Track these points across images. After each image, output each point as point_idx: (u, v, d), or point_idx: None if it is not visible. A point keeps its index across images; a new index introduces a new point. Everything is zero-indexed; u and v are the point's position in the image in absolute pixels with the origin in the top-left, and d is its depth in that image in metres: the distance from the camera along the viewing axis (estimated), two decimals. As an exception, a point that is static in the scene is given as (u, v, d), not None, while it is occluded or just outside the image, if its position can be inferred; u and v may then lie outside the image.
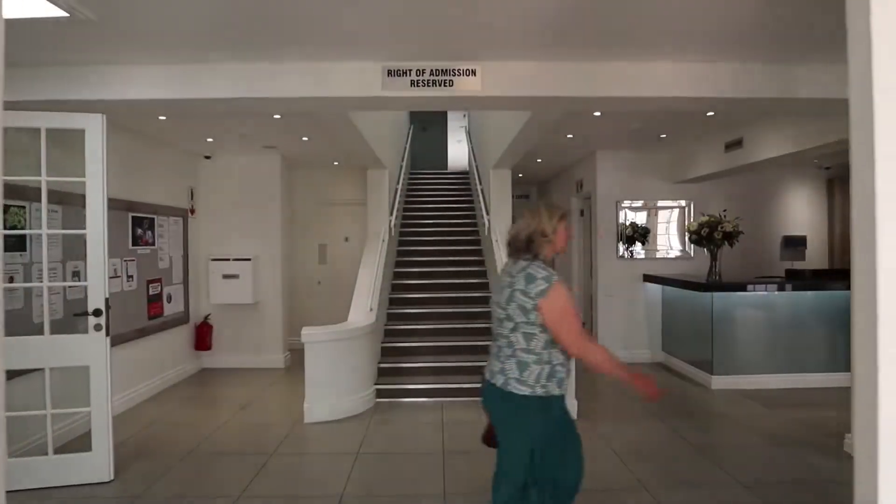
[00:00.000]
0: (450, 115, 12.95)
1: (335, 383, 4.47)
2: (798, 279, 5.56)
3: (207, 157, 6.26)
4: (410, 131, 10.08)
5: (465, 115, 12.77)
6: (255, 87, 3.25)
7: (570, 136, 5.52)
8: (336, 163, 7.00)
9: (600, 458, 3.60)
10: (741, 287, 5.26)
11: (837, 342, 5.35)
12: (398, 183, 7.37)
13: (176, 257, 5.66)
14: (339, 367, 4.49)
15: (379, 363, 5.22)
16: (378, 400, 4.91)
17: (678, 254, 6.56)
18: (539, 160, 7.14)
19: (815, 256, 7.95)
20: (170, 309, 5.49)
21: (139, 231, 4.96)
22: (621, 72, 3.26)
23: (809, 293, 5.30)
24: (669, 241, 6.58)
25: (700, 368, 5.51)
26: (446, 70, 3.26)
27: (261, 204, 6.33)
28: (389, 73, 3.26)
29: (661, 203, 6.54)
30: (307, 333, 4.35)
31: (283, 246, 6.46)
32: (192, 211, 6.07)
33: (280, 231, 6.36)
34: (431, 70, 3.26)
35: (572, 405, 4.44)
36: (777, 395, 5.00)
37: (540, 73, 3.26)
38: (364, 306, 5.07)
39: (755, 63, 3.26)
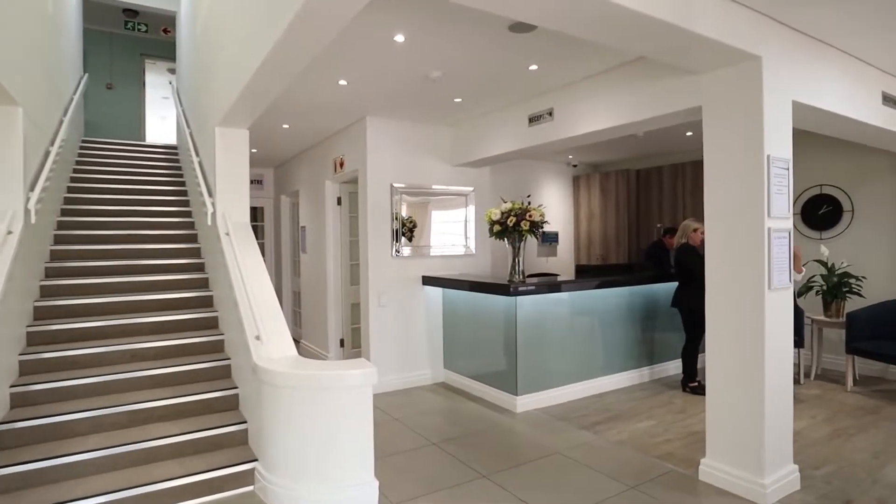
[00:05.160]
0: (149, 78, 9.76)
1: None
2: (586, 276, 5.09)
3: None
4: (84, 80, 6.87)
5: (171, 82, 9.74)
6: None
7: (343, 81, 3.87)
8: None
9: None
10: (554, 288, 4.47)
11: (631, 341, 5.04)
12: (53, 143, 4.53)
13: None
14: None
15: (-11, 469, 2.65)
16: (-20, 554, 2.40)
17: (459, 250, 5.55)
18: (286, 126, 5.27)
19: (564, 253, 8.07)
20: None
21: None
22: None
23: (607, 291, 4.83)
24: (447, 236, 5.51)
25: (500, 388, 4.51)
26: None
27: None
28: None
29: (442, 189, 5.41)
30: None
31: None
32: None
33: None
34: None
35: (372, 488, 2.81)
36: (581, 409, 4.31)
37: None
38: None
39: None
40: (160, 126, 9.99)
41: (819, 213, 5.45)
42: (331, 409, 2.77)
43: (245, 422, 3.31)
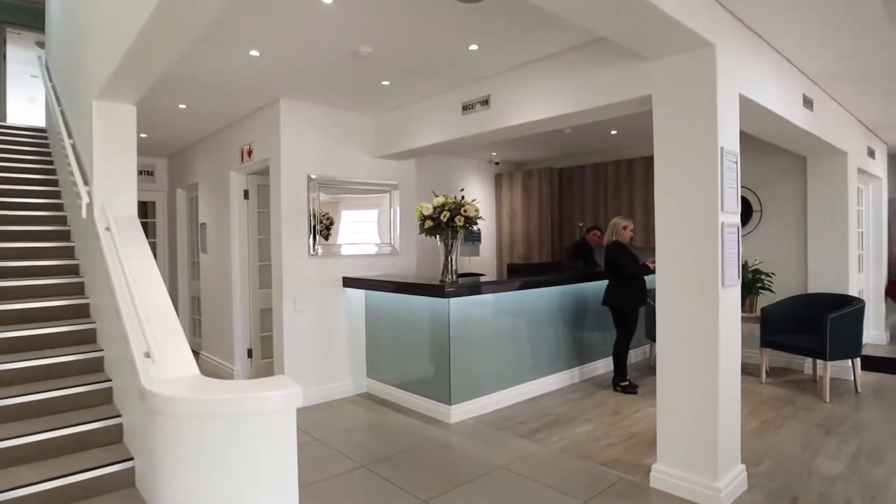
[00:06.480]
0: (13, 52, 8.35)
1: None
2: (517, 275, 4.90)
3: None
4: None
5: (40, 56, 8.38)
6: None
7: (254, 52, 3.34)
8: None
9: None
10: (490, 288, 4.22)
11: (562, 341, 4.91)
12: None
13: None
14: None
15: None
16: None
17: (382, 249, 5.14)
18: (183, 106, 4.58)
19: (487, 252, 7.91)
20: None
21: None
22: None
23: (541, 290, 4.66)
24: (369, 234, 5.09)
25: (431, 398, 4.18)
26: None
27: None
28: None
29: (364, 182, 4.97)
30: None
31: None
32: None
33: None
34: None
35: (296, 531, 2.35)
36: (518, 416, 4.09)
37: None
38: None
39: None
40: (28, 109, 8.57)
41: (731, 212, 5.66)
42: (244, 441, 2.28)
43: (131, 458, 2.71)
